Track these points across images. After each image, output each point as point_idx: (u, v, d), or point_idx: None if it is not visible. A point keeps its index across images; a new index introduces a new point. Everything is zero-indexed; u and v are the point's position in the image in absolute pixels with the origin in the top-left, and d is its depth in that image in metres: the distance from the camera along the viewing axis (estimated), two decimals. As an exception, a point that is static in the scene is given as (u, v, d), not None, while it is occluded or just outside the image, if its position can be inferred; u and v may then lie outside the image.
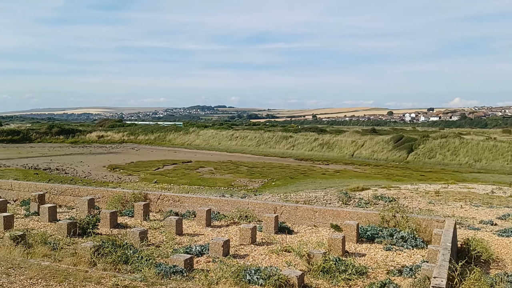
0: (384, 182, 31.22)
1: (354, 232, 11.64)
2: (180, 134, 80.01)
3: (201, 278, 8.09)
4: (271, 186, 29.97)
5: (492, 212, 17.96)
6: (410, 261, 9.95)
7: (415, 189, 25.90)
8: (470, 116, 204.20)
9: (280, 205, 14.13)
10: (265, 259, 9.93)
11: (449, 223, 11.37)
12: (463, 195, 23.49)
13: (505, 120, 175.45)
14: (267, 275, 7.84)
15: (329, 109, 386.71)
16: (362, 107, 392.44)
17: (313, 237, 11.99)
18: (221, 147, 70.57)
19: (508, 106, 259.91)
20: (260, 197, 22.98)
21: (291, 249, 10.35)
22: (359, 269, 8.92)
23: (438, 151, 51.68)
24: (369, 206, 19.48)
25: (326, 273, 8.62)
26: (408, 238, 11.31)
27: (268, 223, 12.44)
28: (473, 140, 53.76)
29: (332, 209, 13.56)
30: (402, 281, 8.59)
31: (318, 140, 66.50)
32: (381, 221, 12.53)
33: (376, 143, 59.09)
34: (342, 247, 10.47)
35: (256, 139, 72.27)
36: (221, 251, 9.80)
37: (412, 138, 57.50)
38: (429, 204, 20.05)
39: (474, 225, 15.05)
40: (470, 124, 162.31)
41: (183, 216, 14.11)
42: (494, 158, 47.07)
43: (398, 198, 21.63)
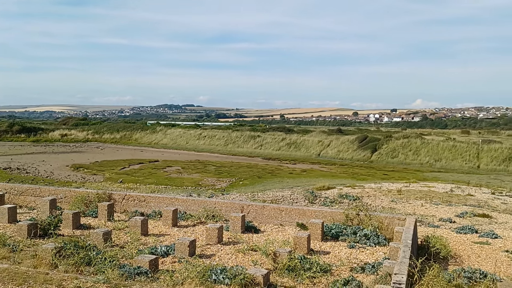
0: (349, 181, 31.85)
1: (319, 230, 11.83)
2: (147, 133, 78.83)
3: (166, 279, 8.03)
4: (238, 185, 30.01)
5: (451, 210, 18.66)
6: (372, 258, 10.21)
7: (379, 188, 26.57)
8: (431, 117, 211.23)
9: (247, 205, 14.18)
10: (232, 258, 9.96)
11: (410, 221, 11.73)
12: (423, 193, 24.28)
13: (464, 121, 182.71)
14: (233, 275, 7.87)
15: (297, 109, 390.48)
16: (328, 108, 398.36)
17: (279, 236, 12.10)
18: (189, 147, 70.00)
19: (467, 107, 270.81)
20: (228, 196, 22.99)
21: (257, 248, 10.42)
22: (323, 266, 9.08)
23: (400, 151, 53.20)
24: (335, 205, 19.85)
25: (291, 271, 8.73)
26: (371, 235, 11.59)
27: (235, 222, 12.46)
28: (434, 141, 55.71)
29: (298, 208, 13.73)
30: (364, 278, 8.80)
31: (286, 139, 67.06)
32: (345, 220, 12.80)
33: (341, 143, 60.18)
34: (308, 245, 10.62)
35: (224, 138, 72.11)
36: (187, 251, 9.75)
37: (376, 138, 58.94)
38: (392, 203, 20.62)
39: (434, 222, 15.60)
40: (431, 125, 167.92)
41: (149, 216, 13.93)
42: (453, 157, 48.91)
43: (362, 197, 22.13)
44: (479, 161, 47.60)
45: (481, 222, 16.18)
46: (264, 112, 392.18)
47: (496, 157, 47.24)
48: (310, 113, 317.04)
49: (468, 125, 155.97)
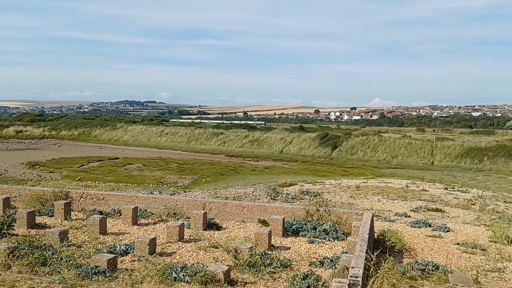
0: (310, 177, 32.39)
1: (280, 226, 11.98)
2: (107, 129, 76.96)
3: (124, 278, 7.93)
4: (201, 182, 29.90)
5: (406, 205, 19.38)
6: (331, 253, 10.45)
7: (338, 184, 27.18)
8: (388, 116, 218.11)
9: (209, 202, 14.16)
10: (193, 256, 9.94)
11: (367, 215, 12.08)
12: (381, 189, 25.06)
13: (419, 120, 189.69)
14: (193, 272, 7.86)
15: (260, 107, 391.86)
16: (290, 105, 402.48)
17: (241, 232, 12.17)
18: (150, 144, 68.91)
19: (422, 106, 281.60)
20: (190, 194, 22.86)
21: (218, 245, 10.45)
22: (283, 262, 9.23)
23: (359, 148, 54.60)
24: (296, 201, 20.15)
25: (252, 267, 8.82)
26: (330, 230, 11.86)
27: (197, 219, 12.42)
28: (391, 138, 57.56)
29: (260, 205, 13.85)
30: (323, 272, 9.00)
31: (249, 137, 67.27)
32: (305, 215, 13.02)
33: (303, 140, 61.03)
34: (269, 241, 10.75)
35: (187, 135, 71.48)
36: (147, 249, 9.65)
37: (336, 136, 60.20)
38: (350, 198, 21.16)
39: (390, 217, 16.15)
40: (388, 123, 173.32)
41: (108, 214, 13.65)
42: (409, 154, 50.72)
43: (323, 193, 22.58)
44: (433, 158, 49.58)
45: (434, 216, 16.89)
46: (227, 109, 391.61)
47: (449, 154, 49.33)
48: (273, 111, 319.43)
49: (423, 123, 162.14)
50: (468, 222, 15.78)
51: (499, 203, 22.46)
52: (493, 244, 11.84)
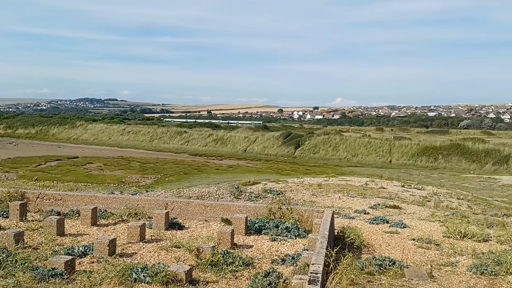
0: (273, 176, 32.68)
1: (243, 225, 12.04)
2: (66, 128, 74.64)
3: (83, 280, 7.76)
4: (164, 182, 29.56)
5: (366, 202, 19.92)
6: (292, 250, 10.61)
7: (301, 182, 27.58)
8: (349, 115, 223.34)
9: (171, 201, 14.04)
10: (154, 256, 9.83)
11: (327, 213, 12.34)
12: (341, 187, 25.63)
13: (379, 119, 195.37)
14: (154, 273, 7.79)
15: (224, 105, 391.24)
16: (255, 104, 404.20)
17: (203, 231, 12.15)
18: (111, 142, 67.46)
19: (381, 106, 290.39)
20: (152, 193, 22.57)
21: (180, 245, 10.38)
22: (245, 260, 9.29)
23: (321, 146, 55.62)
24: (259, 200, 20.29)
25: (214, 266, 8.83)
26: (292, 228, 12.03)
27: (159, 219, 12.29)
28: (351, 137, 59.03)
29: (223, 204, 13.86)
30: (284, 269, 9.13)
31: (213, 135, 67.05)
32: (268, 214, 13.14)
33: (267, 139, 61.47)
34: (231, 240, 10.78)
35: (150, 134, 70.44)
36: (107, 250, 9.47)
37: (299, 135, 61.04)
38: (312, 196, 21.53)
39: (350, 214, 16.56)
40: (349, 122, 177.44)
41: (66, 215, 13.28)
42: (368, 153, 52.15)
43: (285, 191, 22.85)
44: (391, 156, 51.17)
45: (392, 213, 17.45)
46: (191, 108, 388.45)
47: (406, 152, 51.07)
48: (237, 110, 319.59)
49: (382, 123, 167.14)
50: (424, 218, 16.41)
51: (452, 200, 23.47)
52: (447, 239, 12.35)
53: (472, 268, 9.65)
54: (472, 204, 22.53)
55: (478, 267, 9.57)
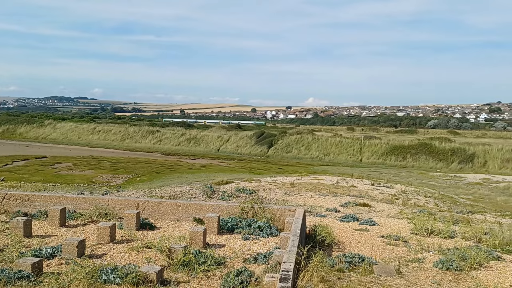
0: (246, 175, 32.74)
1: (215, 224, 12.04)
2: (34, 127, 72.62)
3: (50, 282, 7.60)
4: (135, 182, 29.18)
5: (337, 201, 20.23)
6: (265, 249, 10.68)
7: (274, 181, 27.73)
8: (321, 115, 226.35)
9: (143, 201, 13.88)
10: (124, 257, 9.72)
11: (299, 211, 12.48)
12: (313, 185, 25.93)
13: (350, 119, 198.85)
14: (124, 274, 7.71)
15: (197, 105, 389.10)
16: (228, 104, 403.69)
17: (175, 231, 12.08)
18: (81, 142, 66.11)
19: (352, 106, 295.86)
20: (123, 193, 22.24)
21: (152, 245, 10.29)
22: (218, 259, 9.30)
23: (294, 146, 56.12)
24: (232, 199, 20.30)
25: (186, 266, 8.80)
26: (264, 227, 12.11)
27: (129, 220, 12.14)
28: (323, 137, 59.84)
29: (196, 203, 13.81)
30: (256, 267, 9.19)
31: (186, 135, 66.60)
32: (241, 213, 13.18)
33: (240, 139, 61.50)
34: (203, 239, 10.76)
35: (121, 133, 69.36)
36: (76, 251, 9.30)
37: (272, 134, 61.35)
38: (285, 195, 21.70)
39: (321, 212, 16.78)
40: (321, 122, 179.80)
41: (34, 216, 12.95)
42: (339, 152, 52.98)
43: (258, 190, 22.94)
44: (362, 155, 52.12)
45: (362, 211, 17.79)
46: (163, 106, 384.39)
47: (376, 151, 52.13)
48: (210, 109, 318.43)
49: (353, 123, 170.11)
50: (392, 216, 16.80)
51: (420, 198, 24.11)
52: (414, 236, 12.68)
53: (438, 264, 9.94)
54: (438, 202, 23.20)
55: (444, 263, 9.88)
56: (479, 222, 16.16)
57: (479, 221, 16.61)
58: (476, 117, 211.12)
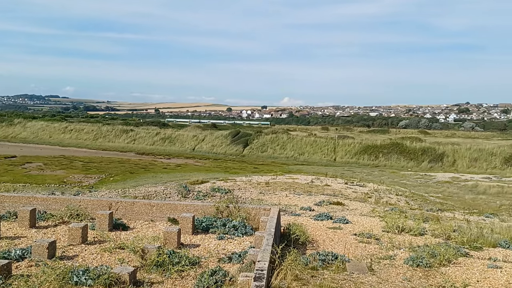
0: (222, 175, 32.67)
1: (190, 224, 11.99)
2: (3, 125, 70.53)
3: (20, 285, 7.42)
4: (109, 181, 28.71)
5: (311, 199, 20.44)
6: (239, 248, 10.71)
7: (249, 180, 27.79)
8: (296, 115, 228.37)
9: (116, 201, 13.70)
10: (97, 258, 9.57)
11: (274, 210, 12.56)
12: (288, 185, 26.11)
13: (324, 119, 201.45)
14: (96, 275, 7.59)
15: (172, 104, 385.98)
16: (204, 103, 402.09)
17: (149, 232, 11.97)
18: (52, 141, 64.65)
19: (326, 106, 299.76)
20: (96, 193, 21.87)
21: (125, 246, 10.16)
22: (192, 259, 9.27)
23: (269, 145, 56.37)
24: (207, 199, 20.24)
25: (159, 266, 8.74)
26: (239, 226, 12.14)
27: (102, 220, 11.96)
28: (298, 136, 60.41)
29: (170, 203, 13.72)
30: (231, 267, 9.20)
31: (160, 134, 65.95)
32: (216, 212, 13.17)
33: (216, 138, 61.34)
34: (178, 239, 10.70)
35: (94, 132, 68.15)
36: (46, 253, 9.10)
37: (247, 134, 61.43)
38: (260, 194, 21.78)
39: (296, 211, 16.92)
40: (296, 122, 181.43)
41: (2, 217, 12.59)
42: (314, 151, 53.54)
43: (234, 190, 22.94)
44: (336, 155, 52.80)
45: (335, 209, 18.04)
46: (138, 105, 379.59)
47: (349, 151, 52.89)
48: (185, 108, 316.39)
49: (327, 122, 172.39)
50: (365, 214, 17.10)
51: (391, 196, 24.61)
52: (386, 234, 12.95)
53: (408, 260, 10.19)
54: (409, 200, 23.75)
55: (414, 260, 10.13)
56: (448, 220, 16.64)
57: (448, 219, 17.11)
58: (445, 118, 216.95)
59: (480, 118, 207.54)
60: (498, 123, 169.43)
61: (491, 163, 45.82)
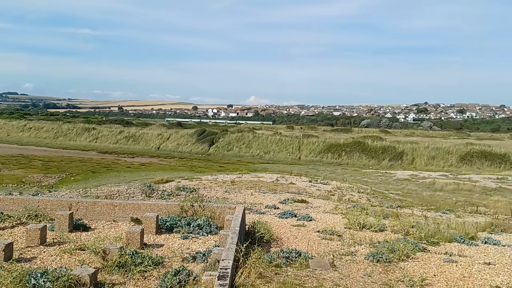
0: (187, 173, 32.42)
1: (153, 224, 11.85)
2: (-46, 123, 67.12)
3: (-27, 289, 7.14)
4: (70, 181, 27.92)
5: (276, 198, 20.63)
6: (204, 247, 10.69)
7: (215, 179, 27.72)
8: (262, 113, 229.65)
9: (76, 201, 13.36)
10: (56, 260, 9.31)
11: (239, 209, 12.61)
12: (254, 183, 26.24)
13: (289, 118, 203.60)
14: (55, 277, 7.39)
15: (136, 102, 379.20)
16: (169, 101, 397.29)
17: (111, 232, 11.76)
18: (10, 139, 62.24)
19: (292, 105, 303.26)
20: (56, 193, 21.22)
21: (85, 247, 9.94)
22: (155, 260, 9.18)
23: (235, 144, 56.37)
24: (172, 198, 20.06)
25: (121, 267, 8.60)
26: (204, 225, 12.11)
27: (62, 221, 11.64)
28: (264, 135, 60.76)
29: (133, 203, 13.50)
30: (195, 266, 9.18)
31: (124, 132, 64.69)
32: (180, 212, 13.08)
33: (181, 137, 60.75)
34: (141, 239, 10.57)
35: (54, 130, 66.08)
36: (2, 256, 8.78)
37: (213, 132, 61.21)
38: (225, 193, 21.78)
39: (261, 209, 17.05)
40: (262, 120, 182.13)
41: (-46, 220, 12.03)
42: (279, 150, 53.97)
43: (199, 189, 22.83)
44: (300, 153, 53.43)
45: (300, 207, 18.29)
46: (100, 103, 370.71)
47: (313, 149, 53.65)
48: (150, 106, 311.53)
49: (293, 121, 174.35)
50: (328, 211, 17.43)
51: (354, 194, 25.17)
52: (348, 230, 13.26)
53: (369, 256, 10.48)
54: (370, 197, 24.37)
55: (375, 255, 10.44)
56: (407, 216, 17.20)
57: (407, 215, 17.68)
58: (405, 117, 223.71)
59: (438, 117, 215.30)
60: (455, 122, 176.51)
61: (448, 161, 47.61)
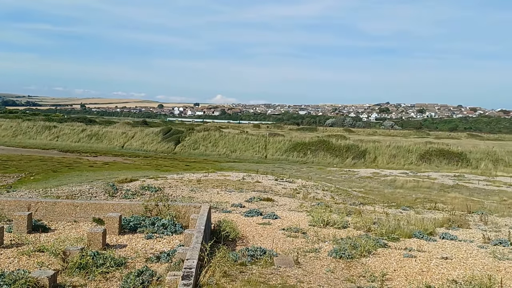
0: (152, 172, 31.97)
1: (116, 224, 11.65)
2: None
3: None
4: (29, 181, 26.94)
5: (242, 196, 20.68)
6: (168, 247, 10.60)
7: (180, 178, 27.48)
8: (229, 112, 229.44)
9: (35, 202, 12.96)
10: (14, 262, 9.01)
11: (204, 208, 12.57)
12: (220, 182, 26.19)
13: (256, 116, 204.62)
14: (12, 280, 7.14)
15: (99, 99, 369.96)
16: (134, 99, 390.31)
17: (72, 233, 11.47)
18: (-37, 138, 59.32)
19: (258, 104, 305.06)
20: (14, 193, 20.47)
21: (45, 249, 9.66)
22: (118, 260, 9.02)
23: (201, 142, 56.03)
24: (136, 197, 19.74)
25: (82, 269, 8.41)
26: (169, 225, 12.00)
27: (20, 222, 11.27)
28: (230, 133, 60.70)
29: (95, 203, 13.22)
30: (159, 266, 9.09)
31: (86, 131, 63.11)
32: (144, 211, 12.91)
33: (146, 135, 59.81)
34: (103, 240, 10.37)
35: (13, 128, 63.71)
36: (-45, 260, 8.40)
37: (179, 131, 60.61)
38: (191, 192, 21.64)
39: (227, 208, 17.06)
40: (228, 119, 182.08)
41: None
42: (246, 149, 54.09)
43: (164, 188, 22.57)
44: (267, 152, 53.73)
45: (266, 205, 18.41)
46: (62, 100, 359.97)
47: (279, 148, 54.07)
48: (114, 104, 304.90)
49: (259, 120, 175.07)
50: (293, 209, 17.64)
51: (318, 191, 25.57)
52: (312, 228, 13.48)
53: (332, 253, 10.70)
54: (334, 195, 24.81)
55: (337, 252, 10.66)
56: (369, 213, 17.65)
57: (369, 212, 18.14)
58: (368, 116, 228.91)
59: (399, 117, 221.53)
60: (415, 122, 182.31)
61: (408, 159, 49.08)
